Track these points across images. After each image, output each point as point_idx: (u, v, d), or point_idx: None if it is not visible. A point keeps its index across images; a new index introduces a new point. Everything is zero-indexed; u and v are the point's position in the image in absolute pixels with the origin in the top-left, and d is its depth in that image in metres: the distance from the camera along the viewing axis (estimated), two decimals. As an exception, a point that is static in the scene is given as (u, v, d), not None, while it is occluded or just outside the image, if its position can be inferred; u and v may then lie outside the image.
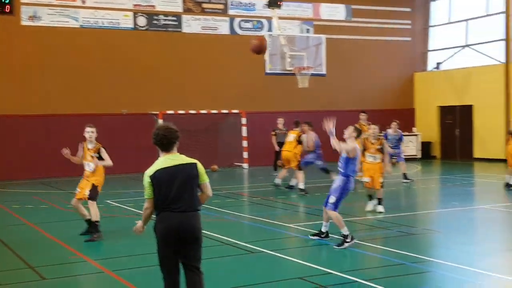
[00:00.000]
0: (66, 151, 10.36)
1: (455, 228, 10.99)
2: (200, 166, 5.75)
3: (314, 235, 9.81)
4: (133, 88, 23.08)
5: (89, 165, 10.53)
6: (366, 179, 12.45)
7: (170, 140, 5.65)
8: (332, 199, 9.47)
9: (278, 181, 16.37)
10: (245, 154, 23.57)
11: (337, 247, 9.02)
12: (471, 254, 8.87)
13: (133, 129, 22.57)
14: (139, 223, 5.93)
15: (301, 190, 15.47)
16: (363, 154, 12.41)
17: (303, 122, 16.63)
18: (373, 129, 12.87)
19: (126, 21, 23.09)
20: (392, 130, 18.23)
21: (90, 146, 10.61)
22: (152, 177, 5.57)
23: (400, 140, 18.30)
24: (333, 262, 8.29)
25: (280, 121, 19.45)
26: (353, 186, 9.63)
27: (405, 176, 17.67)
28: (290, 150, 16.02)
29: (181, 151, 5.89)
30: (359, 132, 10.01)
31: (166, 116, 22.57)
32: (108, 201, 14.84)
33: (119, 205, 14.26)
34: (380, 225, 11.09)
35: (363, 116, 18.01)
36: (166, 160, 5.65)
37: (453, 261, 8.20)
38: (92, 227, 10.38)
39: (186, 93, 23.76)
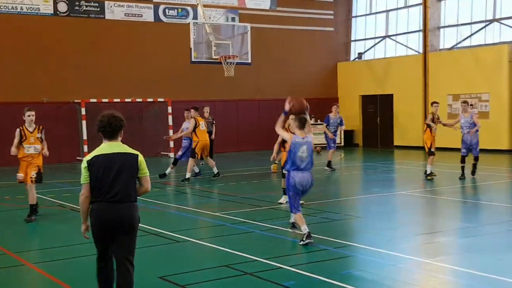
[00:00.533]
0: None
1: (375, 214, 11.35)
2: (141, 159, 5.74)
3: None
4: (55, 76, 22.44)
5: (35, 147, 10.72)
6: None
7: (113, 128, 5.64)
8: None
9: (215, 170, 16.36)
10: (171, 143, 23.41)
11: (300, 243, 8.52)
12: (390, 238, 9.20)
13: (55, 118, 21.96)
14: (82, 226, 5.84)
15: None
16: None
17: (191, 108, 16.55)
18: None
19: (46, 7, 22.35)
20: (333, 114, 18.37)
21: (30, 129, 10.83)
22: (90, 161, 5.56)
23: (340, 124, 18.50)
24: (259, 249, 8.39)
25: (206, 110, 19.38)
26: (294, 181, 8.63)
27: (329, 164, 17.99)
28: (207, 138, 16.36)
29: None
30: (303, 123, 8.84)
31: (89, 104, 22.09)
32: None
33: (40, 196, 13.85)
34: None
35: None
36: (107, 146, 5.65)
37: (373, 246, 8.48)
38: (33, 210, 10.79)
39: (110, 81, 23.31)
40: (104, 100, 22.45)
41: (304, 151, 8.63)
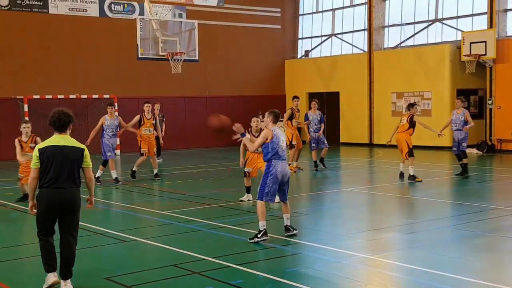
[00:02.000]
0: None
1: (321, 211, 11.51)
2: (86, 152, 6.61)
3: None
4: (-5, 71, 21.81)
5: (30, 156, 11.04)
6: (248, 169, 12.03)
7: (63, 123, 6.51)
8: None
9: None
10: (117, 141, 23.04)
11: (250, 240, 8.64)
12: (335, 235, 9.34)
13: (-4, 114, 21.36)
14: (30, 203, 6.63)
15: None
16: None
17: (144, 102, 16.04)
18: (254, 122, 11.99)
19: (-14, 0, 21.68)
20: (312, 111, 17.65)
21: (25, 139, 11.87)
22: (41, 150, 6.43)
23: (321, 121, 17.60)
24: (206, 248, 8.39)
25: (157, 107, 18.98)
26: (276, 170, 8.81)
27: (315, 164, 17.23)
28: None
29: (47, 137, 6.70)
30: (276, 118, 9.06)
31: (32, 101, 21.58)
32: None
33: (-19, 195, 13.49)
34: (252, 210, 11.37)
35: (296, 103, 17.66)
36: (57, 139, 6.52)
37: (319, 243, 8.60)
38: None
39: (54, 77, 22.81)
40: (47, 97, 21.96)
41: (283, 141, 9.00)
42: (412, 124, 15.11)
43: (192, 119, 26.21)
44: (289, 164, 14.93)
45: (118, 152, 22.68)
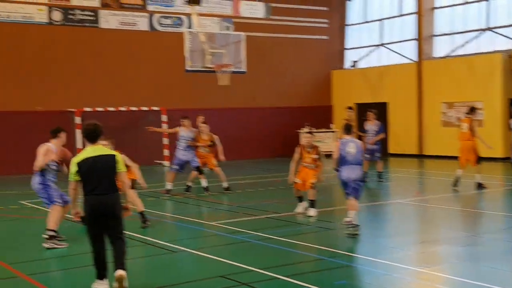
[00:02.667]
0: None
1: (371, 223, 11.34)
2: (118, 158, 7.04)
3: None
4: (49, 85, 22.38)
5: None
6: (297, 180, 11.92)
7: (96, 134, 7.05)
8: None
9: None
10: (166, 152, 23.37)
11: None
12: (385, 247, 9.18)
13: (48, 127, 21.84)
14: (72, 210, 7.32)
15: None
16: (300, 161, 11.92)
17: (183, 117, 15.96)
18: (306, 138, 12.09)
19: (40, 16, 22.32)
20: (371, 122, 17.27)
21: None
22: (79, 164, 6.90)
23: (379, 132, 17.22)
24: (254, 259, 8.36)
25: (201, 119, 19.10)
26: (341, 174, 10.08)
27: (379, 175, 17.01)
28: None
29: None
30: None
31: (84, 113, 22.04)
32: (22, 202, 14.36)
33: (33, 205, 13.81)
34: (300, 221, 11.29)
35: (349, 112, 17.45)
36: (91, 150, 6.99)
37: (369, 255, 8.47)
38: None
39: (105, 90, 23.27)
40: (98, 109, 22.39)
41: (351, 147, 10.00)
42: (472, 131, 14.78)
43: (239, 131, 26.30)
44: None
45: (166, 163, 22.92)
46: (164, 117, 23.61)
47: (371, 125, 17.45)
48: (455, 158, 16.15)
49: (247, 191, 15.95)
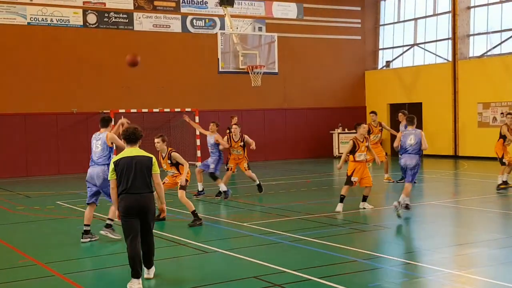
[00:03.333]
0: None
1: (404, 224, 11.21)
2: (154, 160, 7.42)
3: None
4: (84, 87, 22.74)
5: None
6: (354, 178, 12.22)
7: (135, 137, 7.48)
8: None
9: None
10: (199, 153, 23.48)
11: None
12: (419, 249, 9.07)
13: (84, 128, 22.23)
14: (112, 207, 8.09)
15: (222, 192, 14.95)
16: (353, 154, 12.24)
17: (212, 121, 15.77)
18: (365, 129, 12.49)
19: (76, 19, 22.69)
20: (404, 122, 16.57)
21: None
22: (116, 163, 7.29)
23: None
24: (287, 260, 8.33)
25: (234, 120, 19.20)
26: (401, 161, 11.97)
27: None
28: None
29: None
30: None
31: (118, 115, 22.27)
32: (59, 202, 14.59)
33: (70, 206, 14.02)
34: (333, 222, 11.23)
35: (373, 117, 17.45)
36: (129, 151, 7.42)
37: (402, 257, 8.37)
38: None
39: (139, 91, 23.52)
40: (132, 110, 22.64)
41: (411, 139, 11.67)
42: (500, 134, 15.10)
43: (271, 132, 26.31)
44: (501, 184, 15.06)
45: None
46: (197, 118, 23.74)
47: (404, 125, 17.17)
48: (491, 159, 15.90)
49: (279, 193, 15.91)
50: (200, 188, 15.28)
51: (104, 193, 9.90)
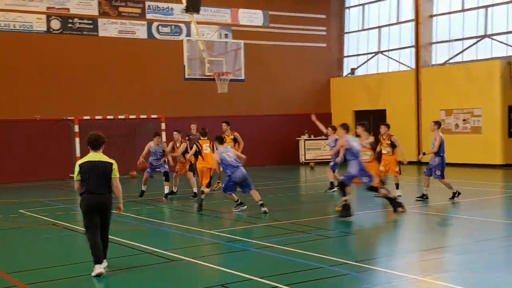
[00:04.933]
0: None
1: (369, 231, 11.31)
2: (115, 166, 8.26)
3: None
4: (48, 93, 22.42)
5: None
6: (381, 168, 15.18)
7: (97, 143, 8.24)
8: (438, 172, 14.10)
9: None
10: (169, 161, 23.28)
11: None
12: (384, 255, 9.15)
13: (47, 135, 21.91)
14: None
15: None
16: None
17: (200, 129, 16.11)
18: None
19: (39, 24, 22.37)
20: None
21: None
22: (80, 165, 8.14)
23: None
24: (253, 268, 8.33)
25: (193, 127, 18.97)
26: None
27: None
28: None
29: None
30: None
31: (83, 121, 22.02)
32: (22, 211, 14.32)
33: (33, 214, 13.77)
34: (299, 229, 11.27)
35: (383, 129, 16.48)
36: (92, 156, 8.20)
37: (367, 263, 8.43)
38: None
39: (103, 98, 23.28)
40: (97, 117, 22.40)
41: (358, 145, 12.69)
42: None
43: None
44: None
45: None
46: (163, 125, 23.61)
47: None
48: (454, 165, 16.16)
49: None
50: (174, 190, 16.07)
51: None
